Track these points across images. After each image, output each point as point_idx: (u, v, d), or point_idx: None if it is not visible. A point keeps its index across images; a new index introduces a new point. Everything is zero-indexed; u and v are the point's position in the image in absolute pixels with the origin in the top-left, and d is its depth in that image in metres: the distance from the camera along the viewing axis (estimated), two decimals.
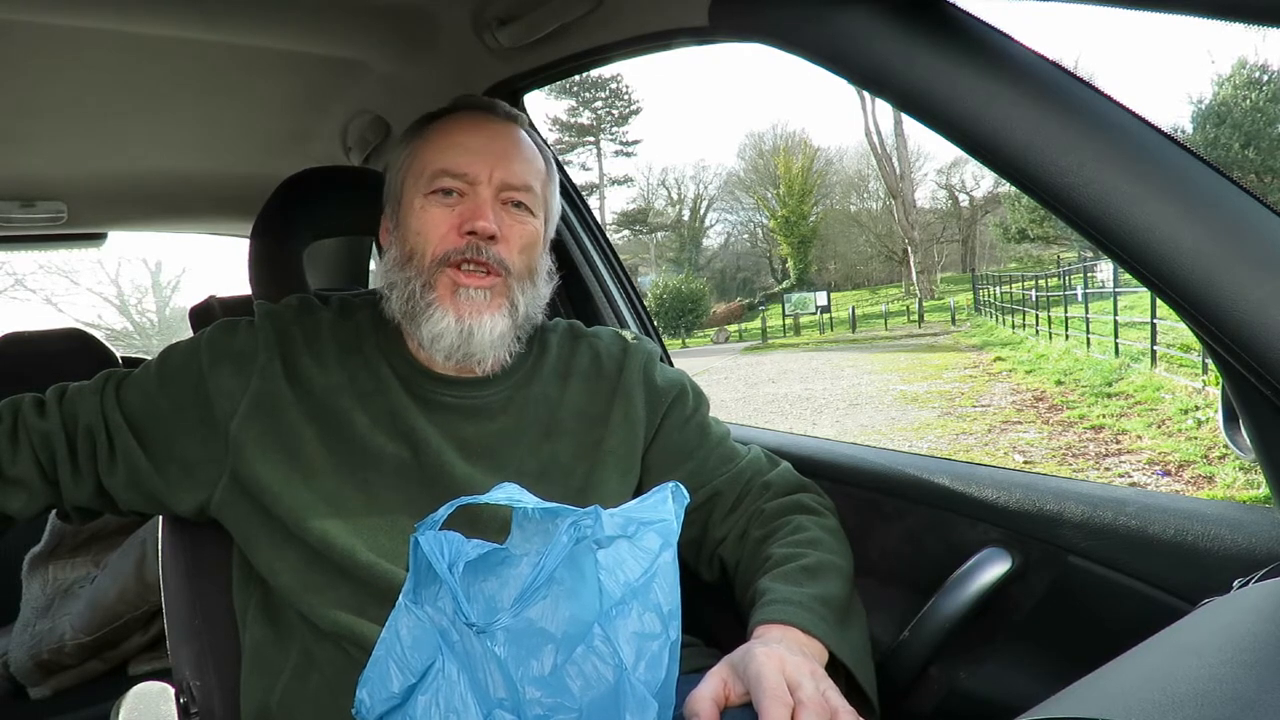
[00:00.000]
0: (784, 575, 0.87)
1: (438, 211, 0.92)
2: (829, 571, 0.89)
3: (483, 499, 0.75)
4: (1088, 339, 11.67)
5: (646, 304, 1.58)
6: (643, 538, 0.71)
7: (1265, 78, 22.06)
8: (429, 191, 0.93)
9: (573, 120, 44.01)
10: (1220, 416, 0.78)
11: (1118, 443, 6.69)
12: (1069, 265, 17.80)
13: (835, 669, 0.81)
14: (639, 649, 0.68)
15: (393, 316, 0.95)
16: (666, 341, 1.65)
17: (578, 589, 0.69)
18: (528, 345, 1.01)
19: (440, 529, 0.86)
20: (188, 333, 1.11)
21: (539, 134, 1.03)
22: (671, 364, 1.20)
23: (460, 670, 0.70)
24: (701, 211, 46.70)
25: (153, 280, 33.40)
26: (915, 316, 26.49)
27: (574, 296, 1.49)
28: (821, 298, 28.94)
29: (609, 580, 0.69)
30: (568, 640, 0.68)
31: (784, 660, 0.72)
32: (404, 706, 0.71)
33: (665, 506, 0.74)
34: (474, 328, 0.91)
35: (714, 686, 0.72)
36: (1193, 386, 7.50)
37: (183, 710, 0.95)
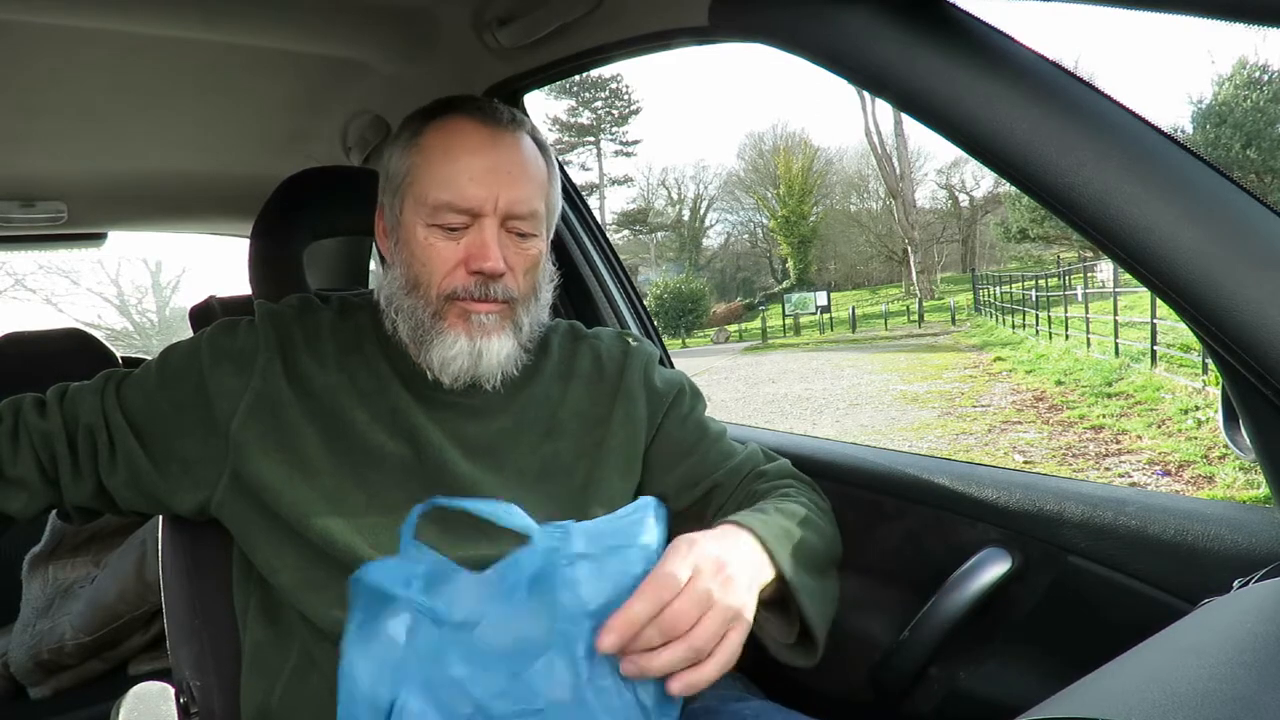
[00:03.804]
0: (756, 508, 0.88)
1: (442, 245, 0.91)
2: (808, 525, 0.88)
3: (461, 503, 0.74)
4: (1088, 339, 11.67)
5: (646, 304, 1.58)
6: (615, 559, 0.71)
7: (1265, 78, 22.05)
8: (431, 223, 0.91)
9: (573, 120, 44.01)
10: (1220, 416, 0.78)
11: (1118, 443, 6.68)
12: (1069, 265, 17.81)
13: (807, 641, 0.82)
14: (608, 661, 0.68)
15: (400, 339, 0.95)
16: (666, 341, 1.65)
17: (538, 606, 0.68)
18: (534, 352, 1.01)
19: (446, 529, 0.86)
20: (188, 333, 1.11)
21: (539, 134, 1.02)
22: (672, 365, 1.20)
23: (424, 700, 0.69)
24: (701, 211, 46.72)
25: (153, 280, 33.42)
26: (915, 316, 26.48)
27: (574, 297, 1.49)
28: (821, 298, 28.93)
29: (573, 597, 0.68)
30: (528, 652, 0.68)
31: (698, 547, 0.72)
32: None
33: (647, 524, 0.73)
34: (484, 350, 0.91)
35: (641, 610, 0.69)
36: (1193, 386, 7.50)
37: (183, 710, 0.95)
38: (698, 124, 72.68)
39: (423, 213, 0.91)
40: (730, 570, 0.74)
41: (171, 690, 0.94)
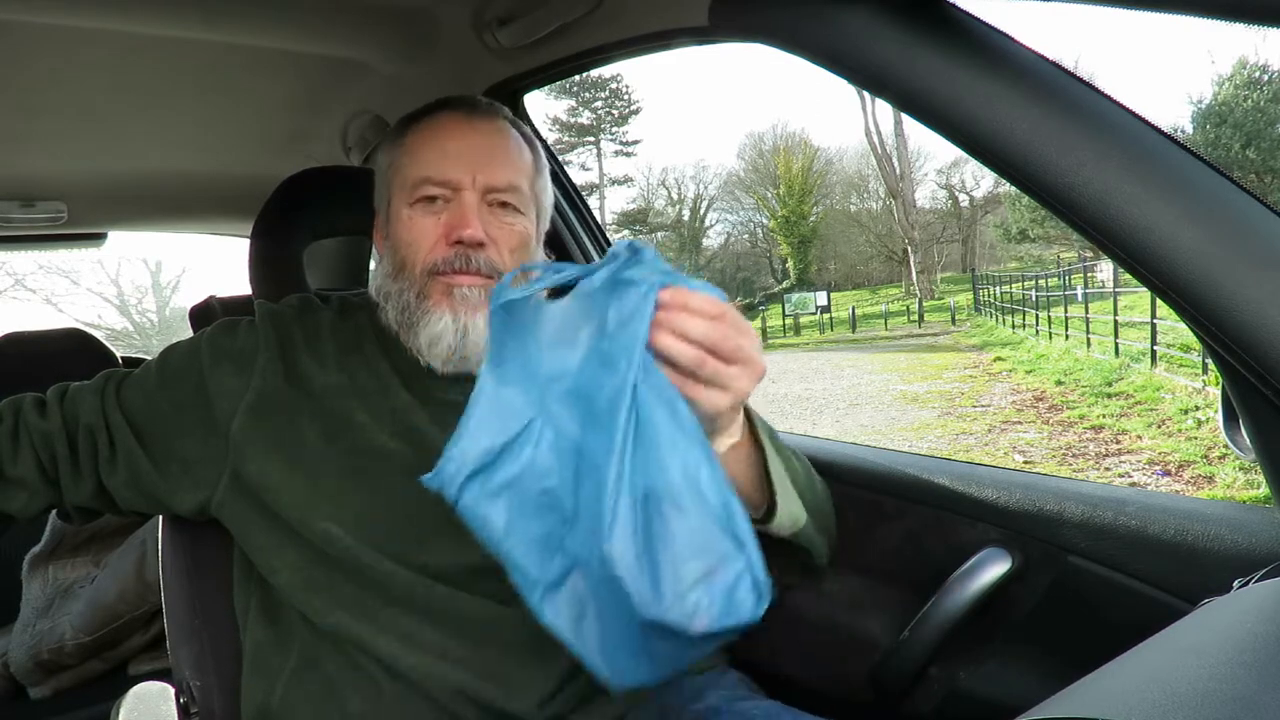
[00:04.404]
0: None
1: (424, 221, 0.91)
2: (795, 460, 0.86)
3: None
4: (1088, 339, 11.67)
5: None
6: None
7: (1265, 78, 22.05)
8: (414, 200, 0.92)
9: (573, 120, 44.00)
10: (1220, 416, 0.78)
11: (1118, 443, 6.69)
12: (1069, 265, 17.82)
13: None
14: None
15: (389, 326, 0.95)
16: None
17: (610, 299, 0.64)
18: None
19: (455, 533, 0.84)
20: (188, 333, 1.11)
21: (527, 125, 1.02)
22: None
23: (554, 428, 0.65)
24: (701, 211, 46.70)
25: (153, 280, 33.39)
26: (915, 316, 26.47)
27: None
28: (821, 298, 28.89)
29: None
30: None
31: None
32: (493, 466, 0.66)
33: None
34: (469, 326, 0.90)
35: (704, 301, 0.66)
36: (1193, 386, 7.50)
37: (183, 710, 0.95)
38: (698, 124, 72.66)
39: (405, 194, 0.93)
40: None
41: (171, 690, 0.95)
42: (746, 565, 0.60)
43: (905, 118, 0.75)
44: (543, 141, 1.06)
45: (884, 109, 33.67)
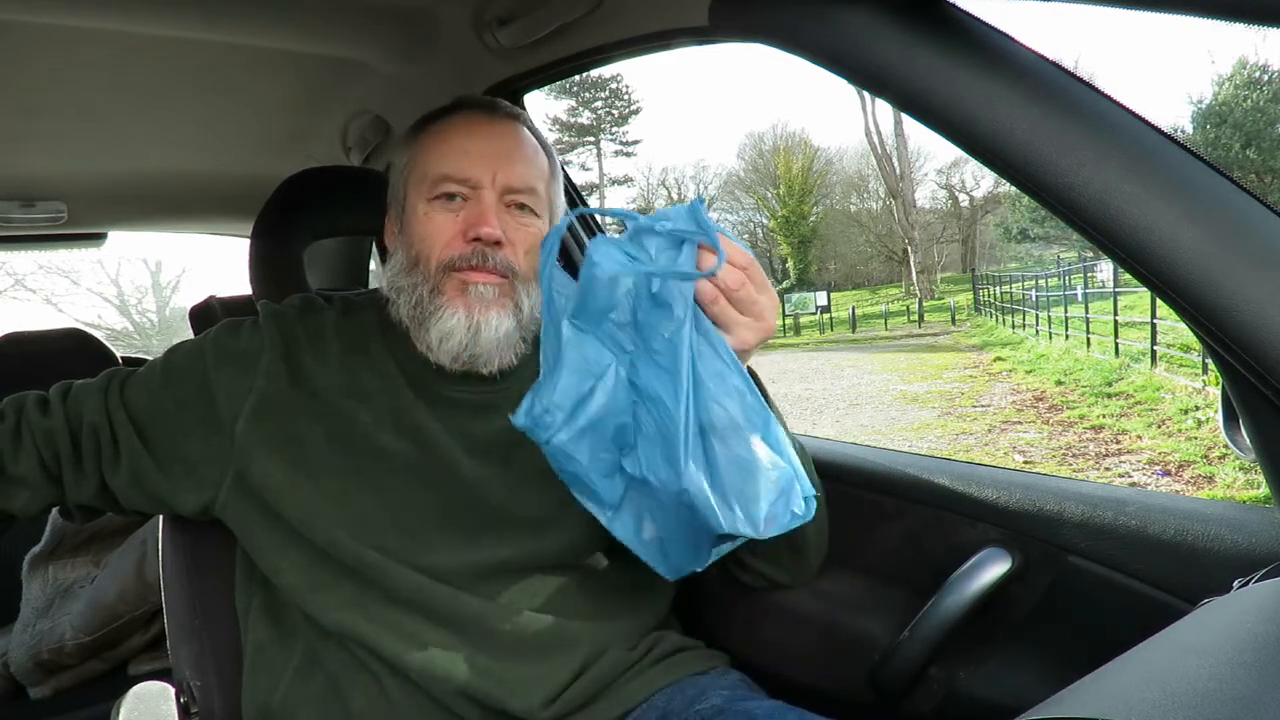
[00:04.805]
0: None
1: (441, 217, 0.92)
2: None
3: (608, 211, 0.80)
4: (1088, 339, 11.67)
5: None
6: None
7: (1265, 78, 22.06)
8: (432, 197, 0.92)
9: (573, 120, 44.01)
10: (1220, 416, 0.78)
11: (1118, 443, 6.68)
12: (1069, 265, 17.82)
13: None
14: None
15: (399, 321, 0.95)
16: None
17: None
18: (534, 344, 1.01)
19: (460, 530, 0.88)
20: (188, 333, 1.11)
21: (539, 133, 1.03)
22: None
23: (624, 368, 0.70)
24: None
25: (153, 280, 33.34)
26: (915, 316, 26.47)
27: None
28: (821, 298, 28.85)
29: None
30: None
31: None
32: (579, 409, 0.70)
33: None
34: (481, 324, 0.90)
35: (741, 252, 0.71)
36: (1193, 386, 7.49)
37: (183, 710, 0.95)
38: (698, 124, 72.66)
39: (423, 189, 0.93)
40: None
41: (171, 690, 0.94)
42: (792, 471, 0.66)
43: (905, 118, 0.75)
44: (552, 148, 1.07)
45: (884, 109, 33.70)
